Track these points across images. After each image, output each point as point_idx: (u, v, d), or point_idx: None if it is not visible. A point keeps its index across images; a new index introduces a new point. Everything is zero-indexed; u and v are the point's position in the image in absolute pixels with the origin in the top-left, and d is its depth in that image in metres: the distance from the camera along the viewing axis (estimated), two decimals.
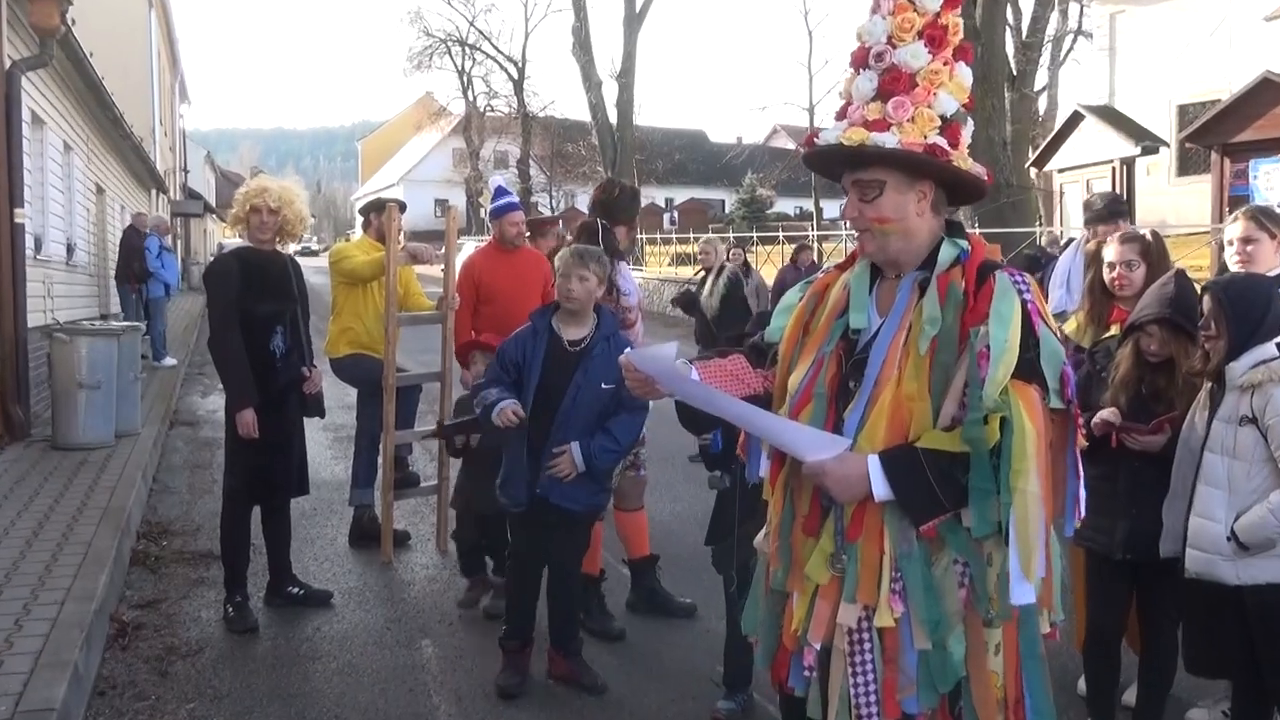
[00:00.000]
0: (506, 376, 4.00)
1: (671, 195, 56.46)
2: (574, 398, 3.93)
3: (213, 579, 5.31)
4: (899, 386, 2.08)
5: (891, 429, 2.07)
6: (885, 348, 2.13)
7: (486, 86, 51.02)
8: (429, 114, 52.40)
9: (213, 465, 8.08)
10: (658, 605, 4.93)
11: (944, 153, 2.13)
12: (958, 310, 2.08)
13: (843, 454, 2.09)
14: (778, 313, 2.48)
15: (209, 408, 11.15)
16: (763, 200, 44.39)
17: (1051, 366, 2.04)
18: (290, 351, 4.87)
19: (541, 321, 4.05)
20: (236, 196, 4.93)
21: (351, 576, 5.50)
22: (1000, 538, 2.03)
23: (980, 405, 1.98)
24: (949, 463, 2.00)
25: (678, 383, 2.26)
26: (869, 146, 2.12)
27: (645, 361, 2.28)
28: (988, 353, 2.00)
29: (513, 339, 4.07)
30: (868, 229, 2.19)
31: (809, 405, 2.21)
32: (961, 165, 2.16)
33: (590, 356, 3.97)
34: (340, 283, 6.15)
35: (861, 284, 2.28)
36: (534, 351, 3.98)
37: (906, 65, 2.15)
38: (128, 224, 15.33)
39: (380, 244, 6.09)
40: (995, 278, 2.09)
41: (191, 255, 36.63)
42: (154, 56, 27.30)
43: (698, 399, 2.28)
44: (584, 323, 4.05)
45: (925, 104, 2.14)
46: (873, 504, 2.08)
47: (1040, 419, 1.98)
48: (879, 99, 2.16)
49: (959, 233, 2.22)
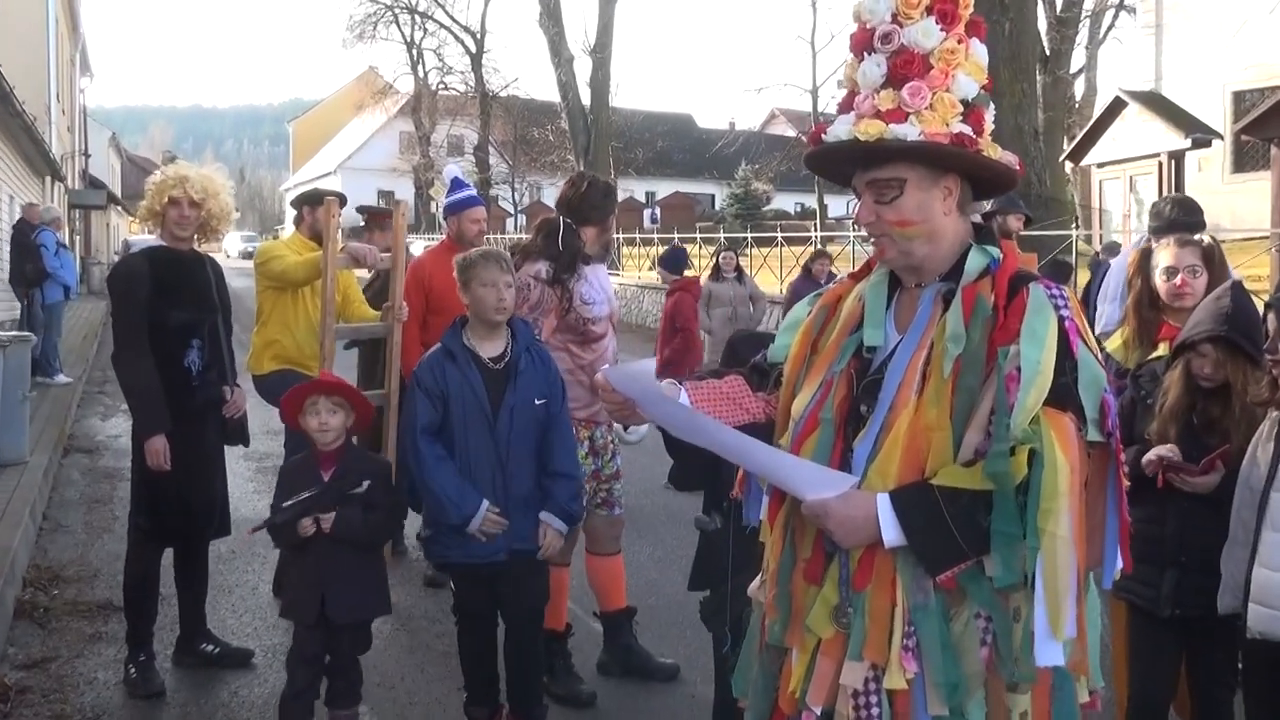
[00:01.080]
0: (435, 416, 4.01)
1: (653, 188, 56.77)
2: (510, 422, 4.00)
3: (112, 634, 5.27)
4: (917, 413, 2.10)
5: (907, 462, 2.09)
6: (903, 368, 2.16)
7: (439, 61, 51.21)
8: (372, 92, 52.33)
9: (114, 500, 8.01)
10: (634, 666, 4.93)
11: (972, 141, 2.16)
12: (985, 327, 2.10)
13: (848, 492, 2.11)
14: (783, 329, 2.50)
15: (111, 432, 11.07)
16: (758, 195, 44.62)
17: (1090, 393, 2.06)
18: (209, 368, 4.86)
19: (455, 341, 4.09)
20: (149, 186, 4.91)
21: (276, 631, 5.47)
22: (1028, 589, 2.04)
23: (1007, 435, 2.00)
24: (969, 502, 2.02)
25: (660, 406, 2.27)
26: (889, 140, 2.14)
27: (623, 381, 2.30)
28: (1017, 376, 2.02)
29: (427, 368, 4.08)
30: (887, 234, 2.22)
31: (814, 432, 2.23)
32: (991, 154, 2.20)
33: (518, 373, 4.05)
34: (267, 287, 6.13)
35: (878, 295, 2.30)
36: (463, 377, 4.01)
37: (918, 45, 2.17)
38: (17, 217, 15.23)
39: (315, 243, 6.09)
40: (1029, 290, 2.12)
41: (92, 254, 36.40)
42: (51, 22, 27.17)
43: (682, 426, 2.29)
44: (500, 336, 4.13)
45: (944, 88, 2.17)
46: (883, 549, 2.10)
47: (1075, 452, 2.00)
48: (890, 85, 2.18)
49: (989, 239, 2.25)
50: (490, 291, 4.03)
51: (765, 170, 43.55)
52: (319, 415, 4.02)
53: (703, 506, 4.41)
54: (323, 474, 4.01)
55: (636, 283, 24.88)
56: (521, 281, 4.64)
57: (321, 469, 4.03)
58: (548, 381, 4.17)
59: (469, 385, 3.99)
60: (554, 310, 4.73)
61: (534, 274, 4.72)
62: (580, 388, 4.65)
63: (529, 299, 4.67)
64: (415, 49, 51.07)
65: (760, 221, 38.42)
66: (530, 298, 4.68)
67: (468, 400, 3.99)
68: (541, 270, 4.74)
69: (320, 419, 4.02)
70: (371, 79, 53.84)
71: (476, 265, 4.07)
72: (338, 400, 4.06)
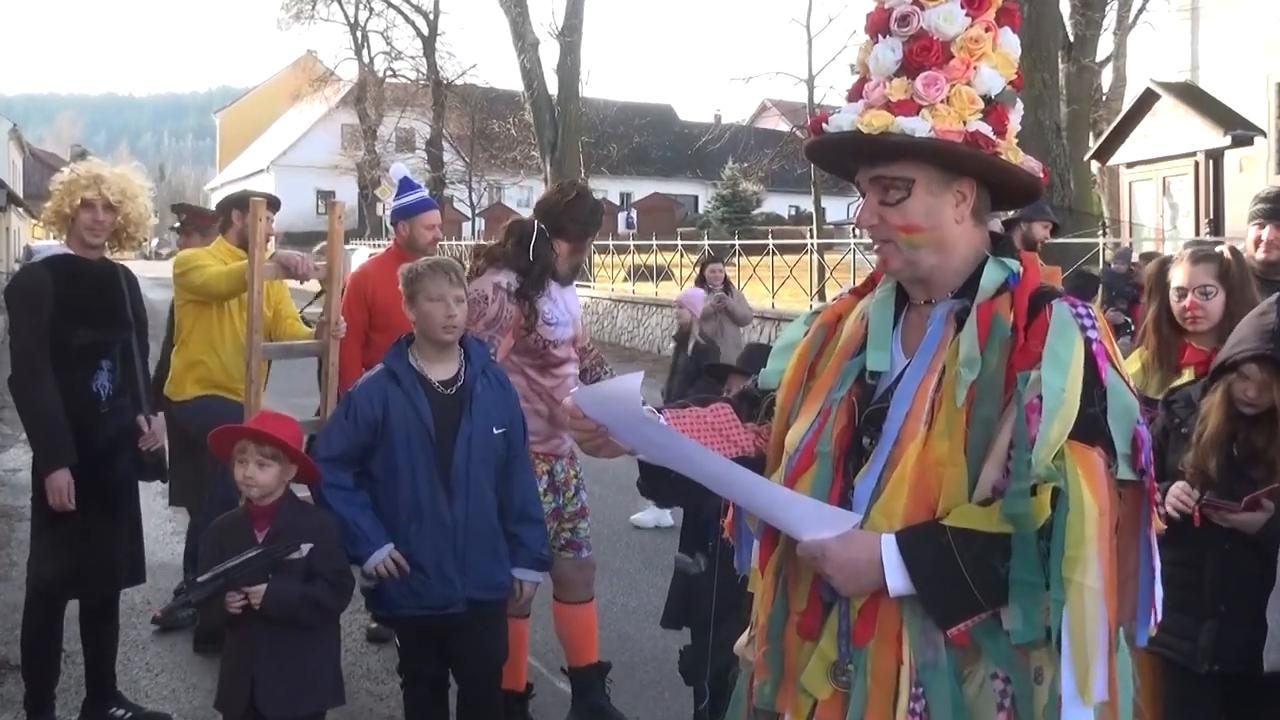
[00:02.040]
0: (355, 444, 4.00)
1: (629, 189, 56.95)
2: (466, 454, 4.01)
3: (8, 697, 5.22)
4: (926, 446, 2.11)
5: (915, 501, 2.10)
6: (910, 396, 2.17)
7: (387, 45, 51.33)
8: (310, 79, 52.33)
9: (12, 543, 7.94)
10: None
11: (989, 143, 2.18)
12: (1003, 350, 2.12)
13: (849, 532, 2.11)
14: (776, 351, 2.52)
15: (8, 465, 10.99)
16: (747, 197, 44.79)
17: (1121, 425, 2.08)
18: (121, 393, 4.84)
19: (400, 362, 4.10)
20: (56, 186, 4.90)
21: (197, 693, 5.42)
22: (1051, 646, 2.04)
23: (1027, 472, 2.01)
24: (985, 547, 2.03)
25: (640, 433, 2.26)
26: (894, 134, 2.16)
27: (596, 403, 2.28)
28: (1039, 405, 2.04)
29: (363, 391, 4.09)
30: (890, 240, 2.24)
31: (811, 468, 2.24)
32: (1011, 159, 2.21)
33: (474, 398, 4.06)
34: (188, 301, 6.12)
35: (884, 313, 2.32)
36: (407, 402, 4.01)
37: (939, 31, 2.19)
38: None
39: (244, 250, 6.07)
40: (1052, 309, 2.13)
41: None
42: None
43: (667, 455, 2.28)
44: (451, 357, 4.14)
45: (964, 80, 2.19)
46: (888, 599, 2.10)
47: (1104, 492, 2.02)
48: (904, 74, 2.21)
49: (1008, 250, 2.27)
50: (438, 307, 4.03)
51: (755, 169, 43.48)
52: (246, 466, 3.80)
53: (680, 543, 4.42)
54: (257, 533, 3.81)
55: (610, 295, 24.90)
56: (478, 292, 4.64)
57: (256, 528, 3.83)
58: (507, 408, 4.18)
59: (414, 412, 3.99)
60: (513, 329, 4.72)
61: (496, 283, 4.71)
62: (538, 418, 4.65)
63: (485, 313, 4.66)
64: (360, 31, 51.16)
65: (750, 227, 38.56)
66: (487, 311, 4.67)
67: (412, 429, 3.98)
68: (505, 281, 4.73)
69: (246, 470, 3.80)
70: (310, 65, 53.83)
71: (423, 277, 4.08)
72: (270, 452, 3.81)
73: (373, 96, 52.31)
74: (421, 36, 49.15)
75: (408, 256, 5.91)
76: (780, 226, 40.37)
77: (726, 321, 10.80)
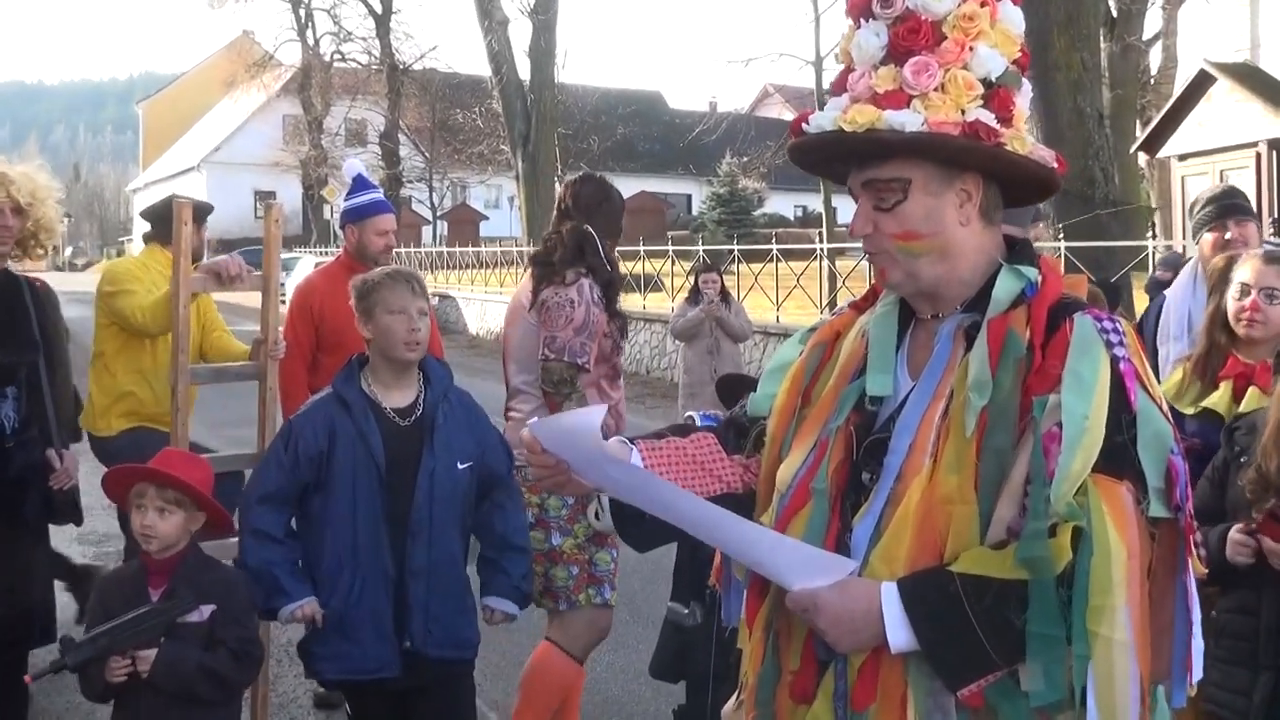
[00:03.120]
0: (294, 481, 3.99)
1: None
2: (429, 491, 3.99)
3: None
4: (932, 482, 2.12)
5: (919, 544, 2.10)
6: (915, 425, 2.18)
7: (335, 25, 51.43)
8: (247, 64, 52.30)
9: None
10: None
11: (992, 133, 2.17)
12: (1018, 370, 2.12)
13: (845, 580, 2.12)
14: (768, 374, 2.52)
15: None
16: (747, 196, 44.72)
17: (1153, 455, 2.07)
18: (27, 425, 4.85)
19: (350, 388, 4.08)
20: None
21: None
22: (1076, 709, 2.03)
23: (1045, 511, 2.01)
24: (999, 596, 2.02)
25: (605, 469, 2.27)
26: (881, 131, 2.17)
27: (555, 437, 2.28)
28: (1059, 434, 2.04)
29: (307, 420, 4.07)
30: (886, 250, 2.25)
31: (805, 507, 2.25)
32: (1018, 149, 2.21)
33: (435, 428, 4.06)
34: (113, 323, 6.11)
35: (886, 331, 2.33)
36: (357, 433, 4.00)
37: (927, 10, 2.19)
38: None
39: None
40: (1073, 323, 2.14)
41: None
42: None
43: (635, 495, 2.29)
44: (411, 381, 4.14)
45: (959, 64, 2.19)
46: (890, 656, 2.10)
47: (1133, 532, 2.02)
48: (891, 61, 2.21)
49: (1025, 256, 2.27)
50: (399, 321, 4.02)
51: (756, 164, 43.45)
52: (144, 513, 3.72)
53: (673, 590, 4.44)
54: (151, 591, 3.73)
55: None
56: (560, 296, 4.72)
57: (150, 584, 3.75)
58: (476, 438, 4.17)
59: (364, 445, 3.98)
60: (599, 336, 4.81)
61: (580, 287, 4.79)
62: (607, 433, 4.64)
63: (573, 318, 4.72)
64: (303, 9, 51.27)
65: (750, 230, 38.50)
66: (575, 316, 4.73)
67: (359, 465, 3.97)
68: (587, 284, 4.81)
69: (145, 518, 3.73)
70: (246, 47, 53.89)
71: (380, 288, 4.07)
72: (173, 497, 3.75)
73: (319, 83, 52.28)
74: (374, 15, 49.24)
75: (359, 267, 5.90)
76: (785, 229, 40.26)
77: (722, 338, 10.76)
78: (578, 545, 4.79)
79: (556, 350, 4.70)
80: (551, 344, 4.72)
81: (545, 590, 4.84)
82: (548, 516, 4.78)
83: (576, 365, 4.70)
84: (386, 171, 46.67)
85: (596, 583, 4.85)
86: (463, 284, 32.82)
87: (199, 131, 71.01)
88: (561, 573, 4.85)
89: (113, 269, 6.34)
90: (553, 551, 4.82)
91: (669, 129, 60.57)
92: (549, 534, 4.82)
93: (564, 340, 4.67)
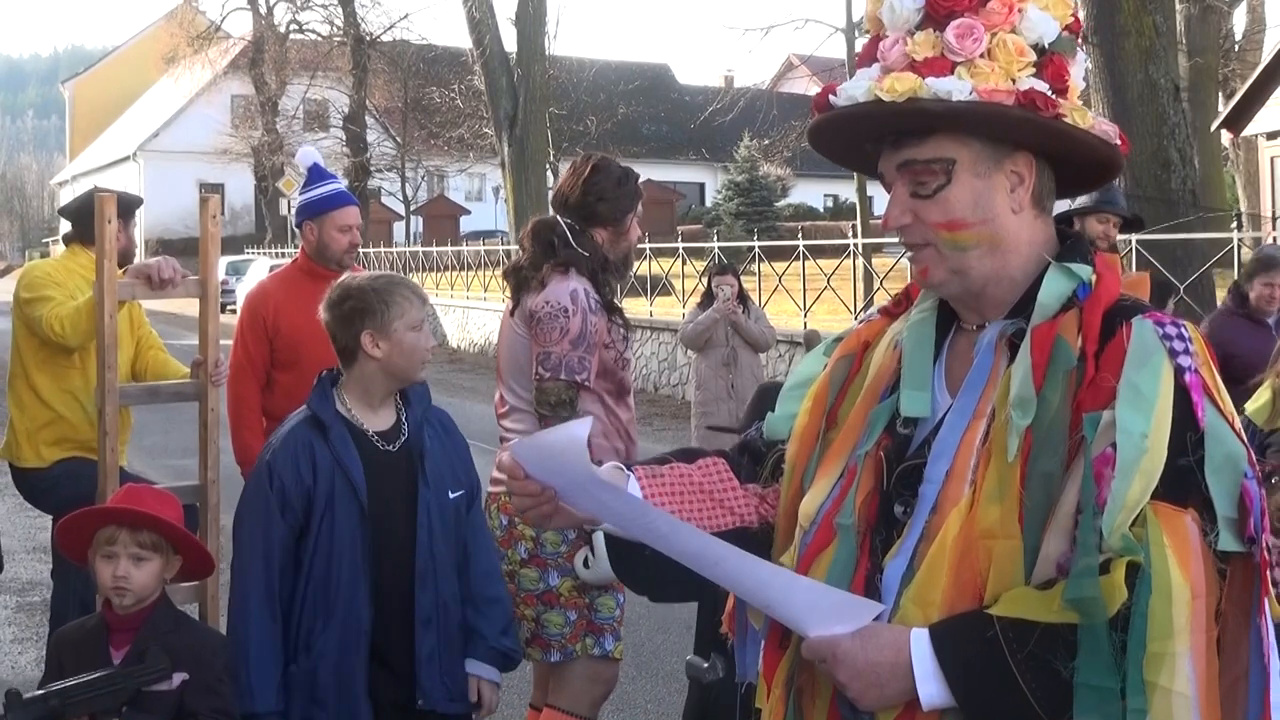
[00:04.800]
0: (288, 528, 3.96)
1: None
2: (429, 528, 4.02)
3: None
4: (971, 514, 2.11)
5: (957, 584, 2.10)
6: (953, 449, 2.18)
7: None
8: (189, 37, 52.39)
9: None
10: None
11: (1050, 103, 2.17)
12: (1068, 384, 2.11)
13: (870, 627, 2.12)
14: (787, 391, 2.52)
15: None
16: (769, 184, 44.65)
17: (1223, 480, 2.04)
18: None
19: (327, 407, 4.08)
20: None
21: None
22: None
23: (1097, 544, 1.99)
24: (1043, 643, 2.00)
25: (596, 496, 2.24)
26: (925, 101, 2.16)
27: (541, 459, 2.25)
28: (1113, 456, 2.03)
29: (286, 454, 4.01)
30: (930, 243, 2.24)
31: (830, 545, 2.25)
32: (1080, 122, 2.20)
33: (425, 455, 4.09)
34: (33, 335, 6.12)
35: (922, 340, 2.33)
36: (335, 463, 3.99)
37: None
38: None
39: None
40: (1130, 328, 2.12)
41: None
42: None
43: (631, 527, 2.28)
44: (390, 402, 4.15)
45: (1007, 27, 2.19)
46: (923, 714, 2.10)
47: (1198, 568, 1.99)
48: (930, 25, 2.21)
49: (1078, 252, 2.26)
50: (420, 338, 4.06)
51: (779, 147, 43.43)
52: (116, 563, 3.68)
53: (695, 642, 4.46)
54: (112, 651, 3.69)
55: None
56: (553, 304, 4.68)
57: (112, 644, 3.71)
58: (462, 462, 4.23)
59: (342, 475, 3.97)
60: (599, 346, 4.79)
61: (573, 291, 4.73)
62: (616, 457, 4.47)
63: (567, 329, 4.67)
64: None
65: (773, 223, 38.46)
66: (570, 327, 4.67)
67: (338, 496, 3.96)
68: (581, 288, 4.76)
69: (117, 568, 3.68)
70: (188, 18, 53.85)
71: (398, 300, 4.02)
72: (150, 540, 3.72)
73: (273, 58, 52.27)
74: None
75: (319, 270, 5.89)
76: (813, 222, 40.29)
77: (740, 347, 10.68)
78: (576, 587, 4.72)
79: (552, 368, 4.65)
80: (546, 361, 4.67)
81: (534, 638, 4.77)
82: (544, 553, 4.71)
83: (575, 383, 4.68)
84: (352, 159, 46.69)
85: (596, 631, 4.78)
86: (441, 289, 32.79)
87: (134, 115, 71.10)
88: (556, 618, 4.76)
89: (29, 272, 6.34)
90: (548, 593, 4.75)
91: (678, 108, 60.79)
92: (545, 573, 4.75)
93: (559, 356, 4.63)
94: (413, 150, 50.58)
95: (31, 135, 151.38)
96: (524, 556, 4.69)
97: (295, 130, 51.24)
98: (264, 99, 53.11)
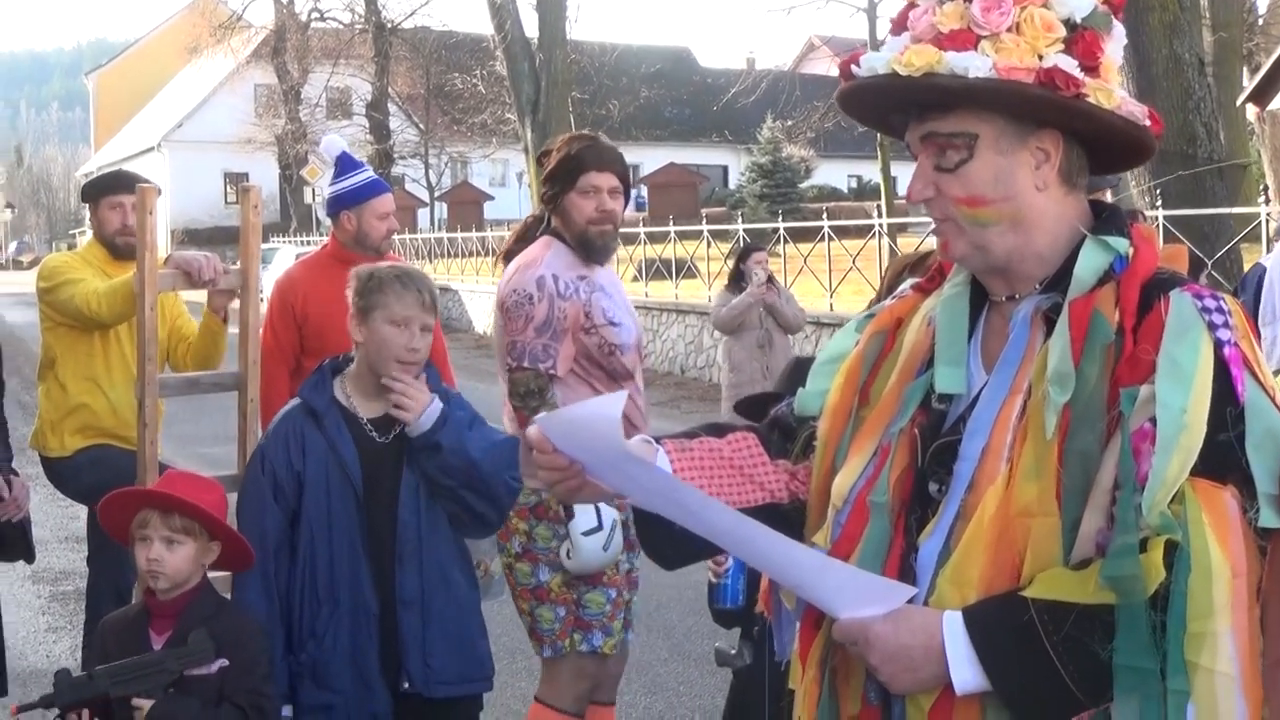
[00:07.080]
0: (282, 514, 4.00)
1: (637, 159, 56.73)
2: (415, 510, 4.02)
3: None
4: (1008, 491, 2.09)
5: (994, 564, 2.08)
6: (989, 426, 2.16)
7: None
8: (212, 27, 52.46)
9: None
10: None
11: (1072, 81, 2.14)
12: (1106, 359, 2.10)
13: (902, 609, 2.11)
14: (818, 367, 2.51)
15: None
16: (792, 165, 44.62)
17: (1264, 456, 2.02)
18: None
19: (321, 395, 4.09)
20: None
21: None
22: None
23: (1136, 522, 1.98)
24: (1080, 624, 1.99)
25: (624, 472, 2.22)
26: (941, 76, 2.15)
27: (568, 433, 2.23)
28: (1152, 431, 2.01)
29: (279, 441, 4.05)
30: (950, 217, 2.23)
31: (864, 524, 2.24)
32: (1104, 102, 2.17)
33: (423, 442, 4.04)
34: (59, 324, 6.12)
35: (955, 316, 2.31)
36: (329, 450, 4.01)
37: None
38: None
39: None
40: (1169, 301, 2.10)
41: None
42: None
43: (660, 502, 2.25)
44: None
45: (1038, 2, 2.17)
46: (961, 699, 2.08)
47: (1238, 545, 1.98)
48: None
49: (1115, 226, 2.24)
50: (397, 334, 3.98)
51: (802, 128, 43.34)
52: (150, 545, 3.66)
53: None
54: (153, 636, 3.71)
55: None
56: (519, 293, 4.67)
57: (153, 629, 3.73)
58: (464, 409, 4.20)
59: (337, 463, 3.99)
60: (572, 330, 4.74)
61: (540, 278, 4.70)
62: None
63: (532, 316, 4.64)
64: None
65: (797, 205, 38.40)
66: (535, 314, 4.65)
67: (333, 486, 3.98)
68: (548, 274, 4.72)
69: (150, 551, 3.67)
70: (210, 8, 53.86)
71: (386, 290, 3.99)
72: (183, 525, 3.70)
73: (295, 47, 52.38)
74: None
75: (353, 257, 5.86)
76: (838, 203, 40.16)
77: (774, 329, 10.64)
78: (566, 583, 4.71)
79: (517, 356, 4.64)
80: (512, 350, 4.66)
81: (531, 632, 4.85)
82: (535, 548, 4.71)
83: (543, 372, 4.64)
84: (375, 147, 46.82)
85: (584, 628, 4.76)
86: (466, 275, 32.84)
87: (158, 106, 71.25)
88: (547, 614, 4.77)
89: (48, 262, 6.35)
90: (539, 589, 4.75)
91: (700, 90, 60.63)
92: (536, 568, 4.73)
93: (523, 344, 4.60)
94: (435, 137, 50.65)
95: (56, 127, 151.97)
96: (518, 551, 4.71)
97: (318, 118, 51.32)
98: (286, 88, 53.23)
